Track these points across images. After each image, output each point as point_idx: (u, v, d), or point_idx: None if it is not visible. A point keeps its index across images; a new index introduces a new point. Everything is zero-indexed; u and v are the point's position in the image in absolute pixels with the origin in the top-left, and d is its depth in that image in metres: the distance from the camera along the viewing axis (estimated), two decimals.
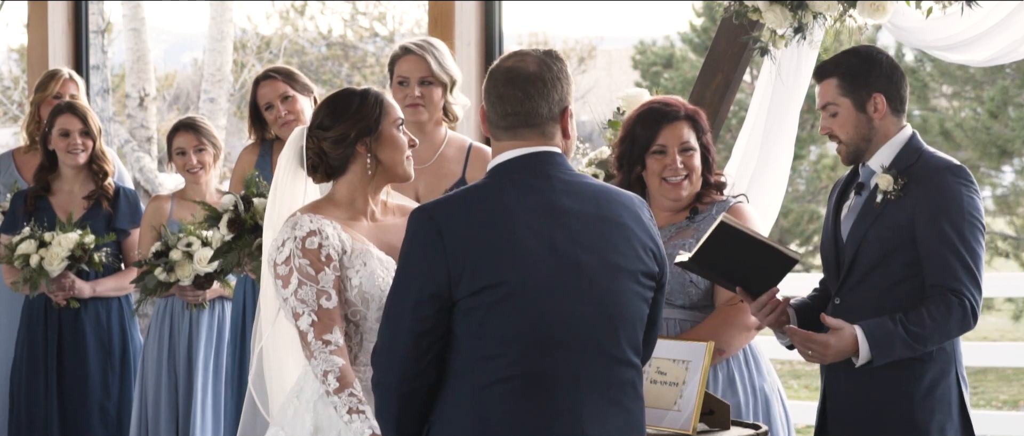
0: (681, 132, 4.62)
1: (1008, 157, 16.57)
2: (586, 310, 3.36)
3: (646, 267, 3.45)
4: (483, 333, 3.32)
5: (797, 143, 12.87)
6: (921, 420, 4.09)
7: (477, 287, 3.31)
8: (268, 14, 22.60)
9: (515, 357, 3.31)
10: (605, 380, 3.38)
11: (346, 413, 3.77)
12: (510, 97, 3.44)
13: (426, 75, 5.16)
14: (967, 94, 17.34)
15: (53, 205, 6.50)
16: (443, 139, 5.24)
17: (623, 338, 3.41)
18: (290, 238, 3.88)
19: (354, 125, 3.96)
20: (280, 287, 3.89)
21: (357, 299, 3.90)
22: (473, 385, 3.33)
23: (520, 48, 3.58)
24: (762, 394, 4.62)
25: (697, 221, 4.60)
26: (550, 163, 3.44)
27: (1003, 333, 16.48)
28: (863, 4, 5.35)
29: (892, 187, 4.14)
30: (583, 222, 3.39)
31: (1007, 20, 5.42)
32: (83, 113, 6.46)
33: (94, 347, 6.40)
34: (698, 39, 19.05)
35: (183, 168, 6.27)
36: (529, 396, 3.32)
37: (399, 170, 4.01)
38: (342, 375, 3.80)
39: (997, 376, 15.47)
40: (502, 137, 3.46)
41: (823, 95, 4.27)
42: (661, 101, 4.71)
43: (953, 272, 4.04)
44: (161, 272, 6.00)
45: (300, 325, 3.85)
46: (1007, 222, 17.43)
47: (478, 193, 3.41)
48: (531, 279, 3.32)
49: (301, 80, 5.94)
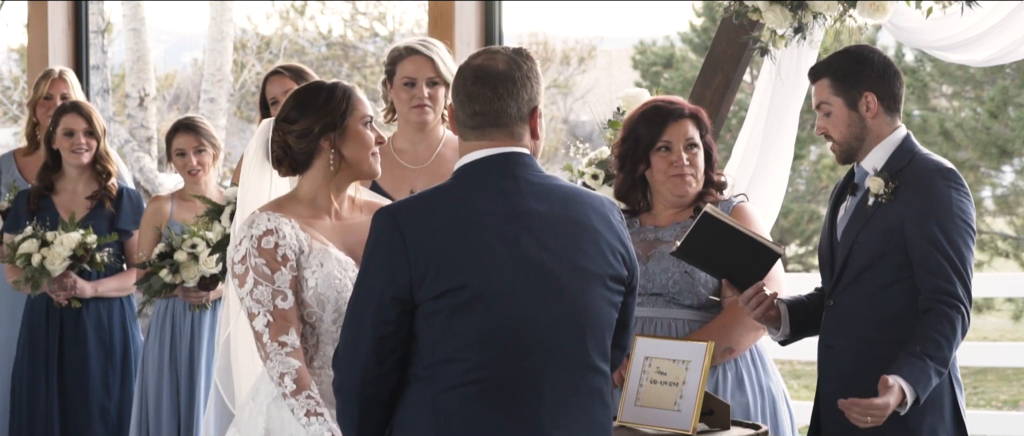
0: (686, 129, 4.63)
1: (1008, 157, 16.56)
2: (551, 315, 3.30)
3: (614, 271, 3.40)
4: (445, 337, 3.27)
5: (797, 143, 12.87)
6: (912, 422, 4.09)
7: (440, 290, 3.26)
8: (268, 14, 22.61)
9: (477, 362, 3.26)
10: (570, 387, 3.33)
11: (304, 415, 3.70)
12: (479, 96, 3.38)
13: (433, 75, 5.14)
14: (967, 94, 17.34)
15: (56, 204, 6.50)
16: (441, 139, 5.23)
17: (590, 344, 3.36)
18: (247, 237, 3.81)
19: (319, 119, 3.87)
20: (237, 286, 3.82)
21: (313, 300, 3.82)
22: (434, 389, 3.29)
23: (491, 46, 3.53)
24: (769, 394, 4.63)
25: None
26: (518, 164, 3.38)
27: (1003, 333, 16.48)
28: (863, 4, 5.36)
29: (883, 190, 4.15)
30: (550, 225, 3.33)
31: (1007, 20, 5.43)
32: (88, 113, 6.47)
33: (95, 347, 6.40)
34: (698, 39, 19.05)
35: (183, 169, 6.27)
36: (490, 402, 3.27)
37: (364, 167, 3.92)
38: (299, 377, 3.72)
39: (997, 376, 15.47)
40: (470, 136, 3.40)
41: (817, 95, 4.29)
42: (664, 100, 4.72)
43: (945, 277, 4.04)
44: (166, 274, 6.00)
45: (255, 325, 3.78)
46: (1007, 222, 17.43)
47: (443, 194, 3.36)
48: (495, 283, 3.26)
49: (309, 75, 5.93)
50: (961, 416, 4.18)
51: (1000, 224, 17.53)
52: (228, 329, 4.09)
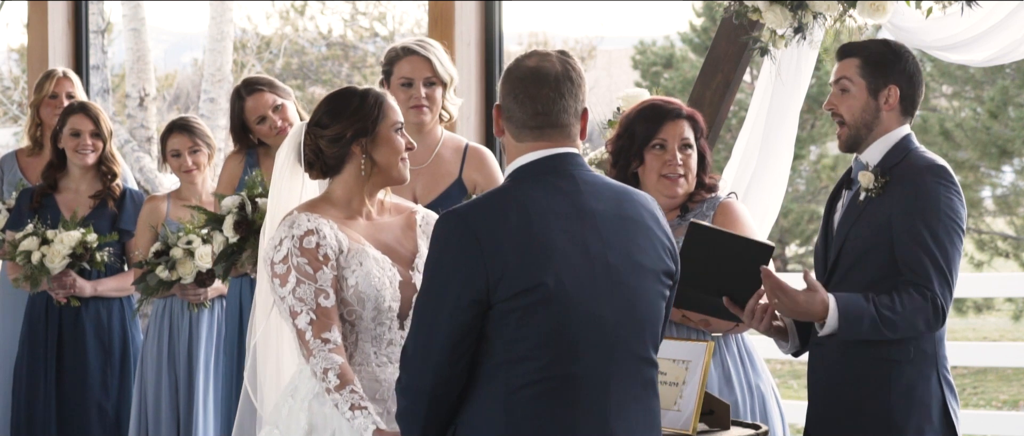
0: (682, 129, 4.64)
1: (1008, 157, 16.57)
2: (615, 311, 3.36)
3: (666, 266, 3.47)
4: (518, 336, 3.31)
5: (797, 143, 12.86)
6: (898, 421, 4.08)
7: (516, 290, 3.29)
8: (268, 14, 22.59)
9: (548, 360, 3.31)
10: (631, 379, 3.40)
11: (348, 410, 3.77)
12: (541, 97, 3.42)
13: (430, 76, 5.14)
14: (967, 94, 17.35)
15: (59, 203, 6.51)
16: (439, 139, 5.23)
17: (647, 337, 3.43)
18: (288, 236, 3.87)
19: (351, 125, 3.95)
20: (277, 286, 3.87)
21: (353, 299, 3.89)
22: (506, 388, 3.32)
23: (535, 49, 3.56)
24: (759, 392, 4.63)
25: (688, 219, 4.61)
26: (573, 164, 3.44)
27: (1003, 333, 16.48)
28: (863, 4, 5.36)
29: (872, 185, 4.14)
30: (609, 223, 3.39)
31: (1007, 20, 5.43)
32: (95, 114, 6.48)
33: (94, 346, 6.40)
34: (698, 39, 19.05)
35: (178, 169, 6.28)
36: (559, 398, 3.32)
37: (394, 173, 4.00)
38: (342, 372, 3.79)
39: (997, 376, 15.47)
40: (527, 137, 3.44)
41: (840, 70, 4.25)
42: (662, 99, 4.74)
43: (924, 271, 4.03)
44: (163, 270, 6.00)
45: (298, 324, 3.84)
46: (1007, 222, 17.43)
47: (507, 196, 3.39)
48: (566, 281, 3.31)
49: (280, 85, 5.97)
50: (950, 417, 4.14)
51: (1000, 224, 17.53)
52: (258, 333, 4.13)
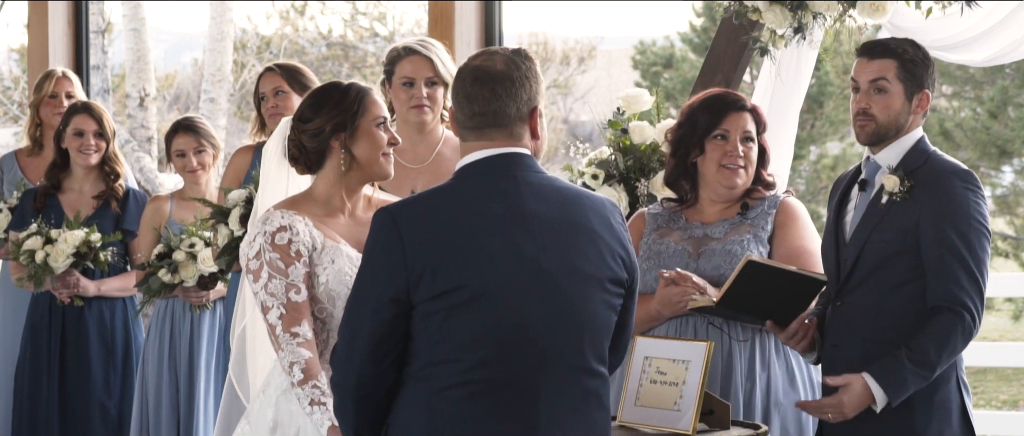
0: (745, 121, 4.62)
1: (1008, 157, 16.57)
2: (548, 317, 3.29)
3: (613, 273, 3.39)
4: (441, 338, 3.27)
5: (797, 143, 12.87)
6: (919, 425, 4.07)
7: (437, 291, 3.25)
8: (268, 14, 22.60)
9: (472, 363, 3.26)
10: (566, 390, 3.33)
11: (308, 404, 3.76)
12: (477, 96, 3.37)
13: (432, 75, 5.15)
14: (967, 94, 17.35)
15: (62, 203, 6.52)
16: (440, 139, 5.23)
17: (587, 347, 3.35)
18: (260, 233, 3.86)
19: (330, 119, 3.91)
20: (251, 281, 3.86)
21: (325, 297, 3.87)
22: (429, 389, 3.28)
23: (489, 47, 3.54)
24: (822, 390, 4.60)
25: (750, 217, 4.58)
26: (517, 165, 3.37)
27: (1003, 333, 16.48)
28: (863, 4, 5.36)
29: (898, 188, 4.11)
30: (549, 226, 3.32)
31: (1007, 20, 5.43)
32: (99, 115, 6.49)
33: (97, 346, 6.40)
34: (698, 39, 19.06)
35: (183, 169, 6.28)
36: (485, 403, 3.27)
37: (375, 168, 3.95)
38: (307, 367, 3.77)
39: (997, 376, 15.47)
40: (469, 137, 3.40)
41: (877, 70, 4.18)
42: (725, 91, 4.73)
43: (957, 281, 4.00)
44: (165, 273, 6.00)
45: (269, 318, 3.82)
46: (1007, 222, 17.43)
47: (442, 195, 3.35)
48: (492, 284, 3.26)
49: (302, 80, 5.93)
50: (969, 419, 4.15)
51: (1000, 224, 17.52)
52: (243, 322, 4.12)
